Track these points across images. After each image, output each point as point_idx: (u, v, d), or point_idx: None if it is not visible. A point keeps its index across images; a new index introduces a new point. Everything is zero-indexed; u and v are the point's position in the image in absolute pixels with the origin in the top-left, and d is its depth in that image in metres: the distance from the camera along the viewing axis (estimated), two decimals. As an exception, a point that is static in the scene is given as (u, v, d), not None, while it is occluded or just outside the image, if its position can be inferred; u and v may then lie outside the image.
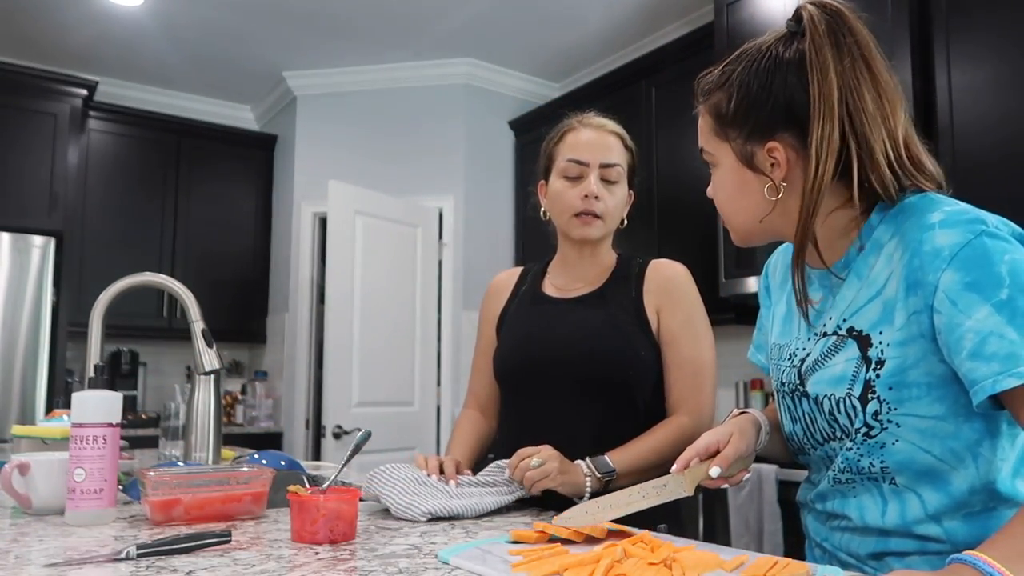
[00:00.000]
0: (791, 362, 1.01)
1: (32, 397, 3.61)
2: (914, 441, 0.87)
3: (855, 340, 0.91)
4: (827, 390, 0.94)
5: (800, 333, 1.02)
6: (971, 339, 0.80)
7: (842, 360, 0.92)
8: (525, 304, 1.50)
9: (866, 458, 0.91)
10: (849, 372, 0.91)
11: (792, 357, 1.01)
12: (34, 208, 3.80)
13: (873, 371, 0.88)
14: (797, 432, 1.02)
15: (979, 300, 0.80)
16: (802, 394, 0.98)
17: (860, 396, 0.89)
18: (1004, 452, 0.87)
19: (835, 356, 0.93)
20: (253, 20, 3.88)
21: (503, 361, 1.47)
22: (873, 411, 0.89)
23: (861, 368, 0.90)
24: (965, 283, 0.82)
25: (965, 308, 0.81)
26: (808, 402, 0.97)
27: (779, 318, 1.10)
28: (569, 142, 1.44)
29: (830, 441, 0.96)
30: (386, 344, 3.91)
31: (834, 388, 0.93)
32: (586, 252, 1.46)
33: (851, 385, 0.91)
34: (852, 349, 0.91)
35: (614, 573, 0.77)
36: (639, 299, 1.41)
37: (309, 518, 0.95)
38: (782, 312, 1.10)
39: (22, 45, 4.12)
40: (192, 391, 1.54)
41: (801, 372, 0.98)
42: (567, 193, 1.42)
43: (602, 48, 4.14)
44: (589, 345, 1.36)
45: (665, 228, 3.44)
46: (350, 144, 4.46)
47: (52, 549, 0.92)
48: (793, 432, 1.04)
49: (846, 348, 0.92)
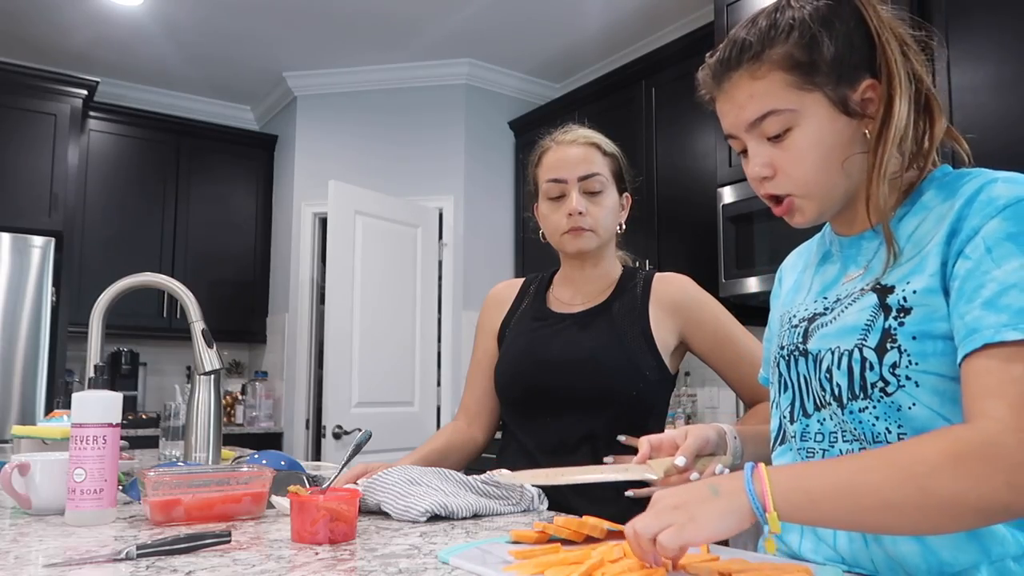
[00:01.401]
0: (791, 323, 0.97)
1: (32, 397, 3.61)
2: (933, 407, 0.81)
3: (875, 292, 0.86)
4: (831, 343, 0.88)
5: (805, 299, 0.98)
6: (992, 288, 0.77)
7: (855, 311, 0.87)
8: (528, 318, 1.49)
9: (882, 421, 0.84)
10: (862, 321, 0.86)
11: (792, 319, 0.98)
12: (34, 208, 3.80)
13: (895, 319, 0.83)
14: (783, 402, 0.97)
15: (1016, 252, 0.77)
16: (801, 353, 0.93)
17: (877, 346, 0.83)
18: None
19: (848, 308, 0.89)
20: (253, 20, 3.88)
21: (505, 376, 1.46)
22: (891, 363, 0.83)
23: (878, 316, 0.84)
24: (1008, 233, 0.78)
25: (998, 257, 0.77)
26: (806, 362, 0.92)
27: (785, 293, 1.07)
28: (546, 163, 1.44)
29: (822, 408, 0.90)
30: (386, 344, 3.91)
31: (840, 340, 0.87)
32: (588, 265, 1.45)
33: (863, 335, 0.85)
34: (869, 299, 0.86)
35: (600, 572, 0.76)
36: (644, 315, 1.39)
37: (309, 518, 0.95)
38: (789, 285, 1.06)
39: (22, 45, 4.12)
40: (192, 391, 1.54)
41: (808, 331, 0.93)
42: (553, 215, 1.42)
43: (602, 48, 4.14)
44: (592, 362, 1.35)
45: (665, 229, 3.44)
46: (350, 144, 4.46)
47: (52, 549, 0.92)
48: (779, 403, 0.98)
49: (862, 299, 0.87)
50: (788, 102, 0.87)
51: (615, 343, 1.36)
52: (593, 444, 1.34)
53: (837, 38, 0.87)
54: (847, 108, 0.87)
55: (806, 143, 0.88)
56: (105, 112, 4.32)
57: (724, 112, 0.94)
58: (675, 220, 3.41)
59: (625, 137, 1.57)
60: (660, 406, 1.40)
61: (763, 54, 0.88)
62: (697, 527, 0.72)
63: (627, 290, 1.43)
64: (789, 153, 0.88)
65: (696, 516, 0.72)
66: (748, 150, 0.92)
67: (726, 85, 0.92)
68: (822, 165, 0.88)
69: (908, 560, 0.82)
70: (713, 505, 0.73)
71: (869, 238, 0.93)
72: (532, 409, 1.40)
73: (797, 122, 0.88)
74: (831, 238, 1.00)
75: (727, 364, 1.39)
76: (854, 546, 0.86)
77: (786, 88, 0.87)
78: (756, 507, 0.72)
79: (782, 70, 0.87)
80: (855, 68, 0.87)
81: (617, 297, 1.43)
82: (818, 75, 0.86)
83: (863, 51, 0.88)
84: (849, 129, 0.88)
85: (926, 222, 0.86)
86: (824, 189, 0.89)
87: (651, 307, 1.39)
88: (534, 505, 1.22)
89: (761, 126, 0.89)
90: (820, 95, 0.87)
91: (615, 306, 1.41)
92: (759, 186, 0.93)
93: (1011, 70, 2.27)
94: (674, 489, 0.77)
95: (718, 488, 0.75)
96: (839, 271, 0.96)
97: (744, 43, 0.90)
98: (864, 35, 0.88)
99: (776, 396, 1.00)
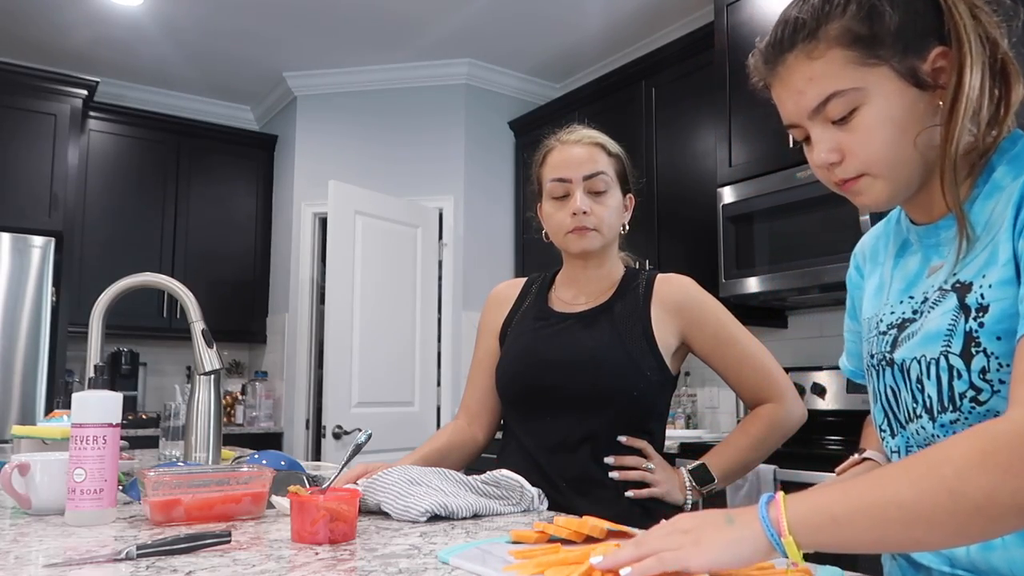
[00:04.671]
0: (879, 329, 0.91)
1: (32, 397, 3.61)
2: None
3: (955, 292, 0.79)
4: (917, 352, 0.81)
5: (890, 298, 0.91)
6: None
7: (937, 315, 0.80)
8: (530, 317, 1.49)
9: None
10: (944, 326, 0.78)
11: (879, 324, 0.91)
12: (34, 208, 3.80)
13: (975, 320, 0.75)
14: (877, 416, 0.90)
15: None
16: (887, 363, 0.86)
17: (962, 352, 0.76)
18: None
19: (931, 313, 0.81)
20: (253, 20, 3.88)
21: (506, 375, 1.46)
22: (980, 368, 0.75)
23: (959, 319, 0.77)
24: None
25: None
26: (892, 372, 0.85)
27: (870, 294, 0.99)
28: (551, 163, 1.44)
29: (912, 421, 0.83)
30: (386, 344, 3.91)
31: (925, 348, 0.80)
32: (591, 265, 1.45)
33: (947, 341, 0.77)
34: (950, 301, 0.79)
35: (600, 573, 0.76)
36: (646, 316, 1.39)
37: (309, 518, 0.95)
38: (873, 286, 0.99)
39: (22, 45, 4.11)
40: (192, 391, 1.54)
41: (897, 340, 0.86)
42: (557, 214, 1.42)
43: (602, 48, 4.14)
44: (593, 361, 1.35)
45: (665, 229, 3.44)
46: (350, 144, 4.46)
47: (52, 549, 0.91)
48: (874, 417, 0.91)
49: (944, 302, 0.80)
50: (851, 81, 0.79)
51: (616, 343, 1.36)
52: (594, 444, 1.34)
53: (899, 5, 0.79)
54: (917, 80, 0.79)
55: (875, 121, 0.79)
56: (105, 112, 4.32)
57: (782, 100, 0.86)
58: (675, 220, 3.41)
59: (625, 137, 1.56)
60: (661, 407, 1.40)
61: (819, 31, 0.80)
62: (699, 552, 0.67)
63: (629, 291, 1.43)
64: (857, 134, 0.80)
65: (702, 541, 0.68)
66: (811, 136, 0.84)
67: (780, 70, 0.84)
68: (894, 143, 0.79)
69: (1018, 565, 0.77)
70: (723, 533, 0.68)
71: (946, 226, 0.85)
72: (532, 408, 1.40)
73: (864, 101, 0.80)
74: (908, 226, 0.92)
75: (728, 366, 1.39)
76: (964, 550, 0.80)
77: (848, 66, 0.79)
78: (770, 533, 0.67)
79: (841, 47, 0.80)
80: (922, 36, 0.79)
81: (619, 298, 1.43)
82: (882, 48, 0.79)
83: (929, 17, 0.80)
84: (922, 102, 0.80)
85: (999, 204, 0.78)
86: (897, 168, 0.81)
87: (653, 308, 1.39)
88: (534, 505, 1.22)
89: (824, 110, 0.81)
90: (886, 69, 0.79)
91: (617, 306, 1.41)
92: (827, 174, 0.85)
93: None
94: (694, 513, 0.74)
95: (734, 517, 0.70)
96: (921, 264, 0.89)
97: (797, 22, 0.82)
98: (930, 1, 0.80)
99: (872, 409, 0.94)
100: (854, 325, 1.08)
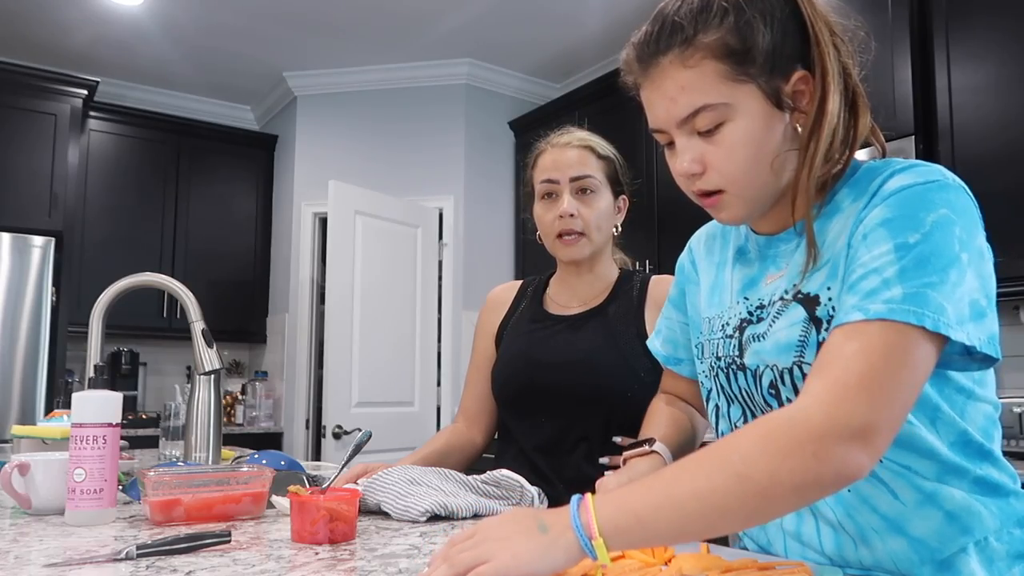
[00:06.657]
0: (724, 332, 0.94)
1: (32, 397, 3.61)
2: None
3: (800, 303, 0.83)
4: (769, 360, 0.85)
5: (732, 301, 0.95)
6: (858, 273, 0.75)
7: (784, 326, 0.84)
8: (525, 320, 1.49)
9: None
10: (795, 338, 0.82)
11: (725, 327, 0.94)
12: (34, 208, 3.80)
13: (826, 331, 0.80)
14: (733, 414, 0.93)
15: (886, 237, 0.74)
16: (739, 367, 0.90)
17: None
18: (963, 405, 0.81)
19: (776, 322, 0.85)
20: (253, 20, 3.88)
21: (501, 377, 1.46)
22: None
23: (809, 331, 0.81)
24: (884, 219, 0.76)
25: (871, 243, 0.75)
26: (745, 376, 0.89)
27: (706, 290, 1.02)
28: (541, 165, 1.45)
29: None
30: (386, 344, 3.91)
31: (777, 358, 0.84)
32: (583, 269, 1.46)
33: (799, 352, 0.82)
34: (797, 312, 0.83)
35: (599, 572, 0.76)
36: (640, 318, 1.39)
37: (309, 518, 0.95)
38: (709, 282, 1.02)
39: (22, 45, 4.11)
40: (192, 391, 1.54)
41: (742, 343, 0.90)
42: (545, 216, 1.42)
43: (602, 48, 4.14)
44: (588, 363, 1.36)
45: (665, 230, 3.44)
46: (350, 144, 4.46)
47: (52, 549, 0.92)
48: (728, 414, 0.94)
49: (789, 312, 0.84)
50: (721, 95, 0.81)
51: (610, 344, 1.37)
52: (588, 444, 1.34)
53: (771, 25, 0.81)
54: (779, 101, 0.81)
55: (738, 138, 0.81)
56: (105, 112, 4.32)
57: (652, 103, 0.87)
58: (675, 221, 3.41)
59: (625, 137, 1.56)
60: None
61: (695, 39, 0.81)
62: (516, 564, 0.67)
63: (624, 292, 1.44)
64: (720, 148, 0.82)
65: (516, 551, 0.67)
66: (675, 143, 0.86)
67: (654, 72, 0.85)
68: (754, 162, 0.82)
69: (899, 555, 0.82)
70: (537, 541, 0.68)
71: (786, 239, 0.90)
72: (527, 409, 1.41)
73: (730, 116, 0.81)
74: (747, 235, 0.96)
75: None
76: (842, 549, 0.85)
77: (719, 79, 0.80)
78: (582, 539, 0.68)
79: (715, 58, 0.80)
80: (788, 59, 0.81)
81: (613, 300, 1.43)
82: (752, 65, 0.80)
83: (796, 41, 0.82)
84: (781, 123, 0.82)
85: (839, 223, 0.83)
86: (754, 187, 0.84)
87: (647, 309, 1.40)
88: (534, 505, 1.22)
89: (693, 121, 0.83)
90: (753, 87, 0.81)
91: (611, 308, 1.42)
92: (688, 183, 0.88)
93: (1011, 70, 2.27)
94: (502, 518, 0.73)
95: (546, 524, 0.70)
96: (758, 271, 0.93)
97: (675, 24, 0.82)
98: (797, 24, 0.82)
99: (723, 407, 0.96)
100: (677, 315, 1.13)
